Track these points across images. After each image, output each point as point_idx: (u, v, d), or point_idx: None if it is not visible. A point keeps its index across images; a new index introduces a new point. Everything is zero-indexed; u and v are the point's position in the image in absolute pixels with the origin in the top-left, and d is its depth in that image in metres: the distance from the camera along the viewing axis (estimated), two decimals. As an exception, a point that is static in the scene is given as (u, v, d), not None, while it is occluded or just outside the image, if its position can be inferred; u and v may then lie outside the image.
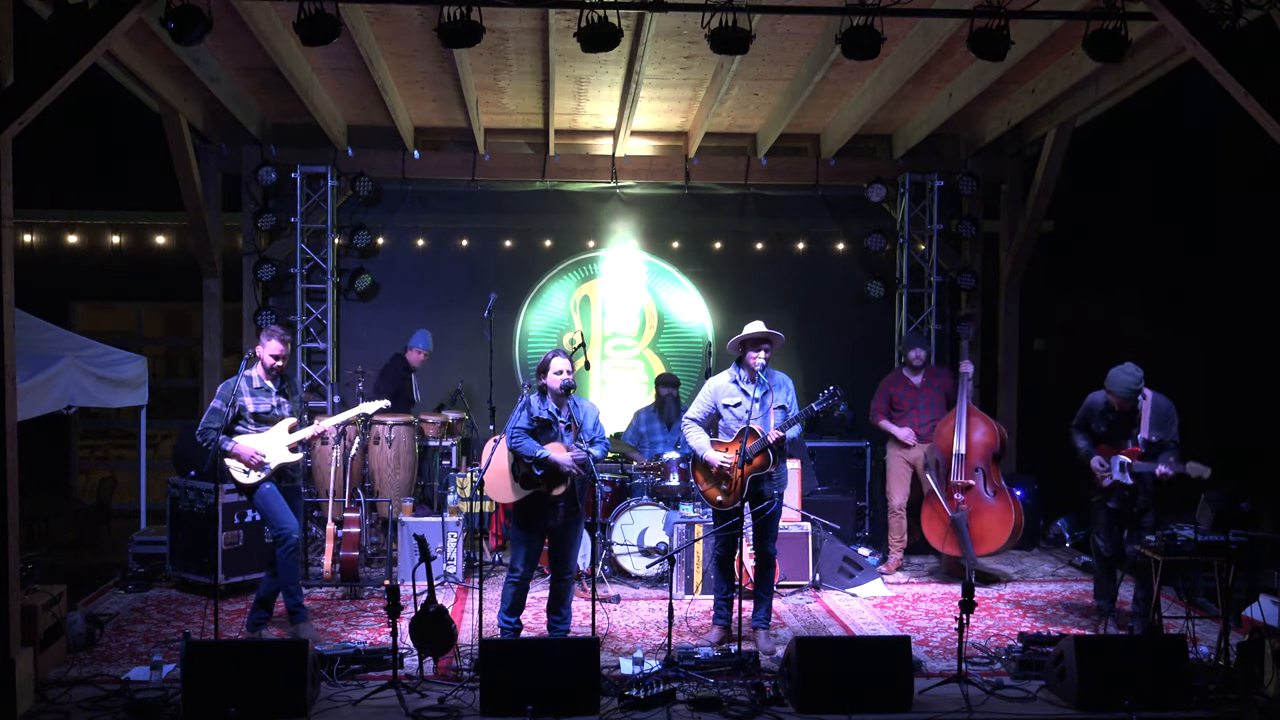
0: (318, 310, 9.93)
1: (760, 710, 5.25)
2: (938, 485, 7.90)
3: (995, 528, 7.78)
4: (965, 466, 7.82)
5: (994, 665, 6.00)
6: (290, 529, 6.25)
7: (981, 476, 7.84)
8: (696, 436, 6.33)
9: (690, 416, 6.41)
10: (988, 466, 7.86)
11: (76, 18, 5.18)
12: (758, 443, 6.09)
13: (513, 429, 5.98)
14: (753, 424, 6.10)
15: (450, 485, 8.29)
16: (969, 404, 7.95)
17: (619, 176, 10.16)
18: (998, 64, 6.99)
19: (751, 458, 6.09)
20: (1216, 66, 5.27)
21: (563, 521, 6.08)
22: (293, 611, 6.34)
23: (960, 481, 7.81)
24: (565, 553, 6.16)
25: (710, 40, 5.77)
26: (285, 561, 6.26)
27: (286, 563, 6.26)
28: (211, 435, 6.11)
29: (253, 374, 6.40)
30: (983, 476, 7.84)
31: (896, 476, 8.30)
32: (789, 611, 7.20)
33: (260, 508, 6.37)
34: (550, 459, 5.90)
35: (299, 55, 7.81)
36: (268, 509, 6.30)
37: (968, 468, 7.82)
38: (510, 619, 6.15)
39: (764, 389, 6.21)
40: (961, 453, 7.84)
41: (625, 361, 10.47)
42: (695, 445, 6.32)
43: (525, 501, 6.04)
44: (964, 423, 7.88)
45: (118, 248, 11.61)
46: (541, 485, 5.98)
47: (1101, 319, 10.10)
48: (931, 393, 8.25)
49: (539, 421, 6.01)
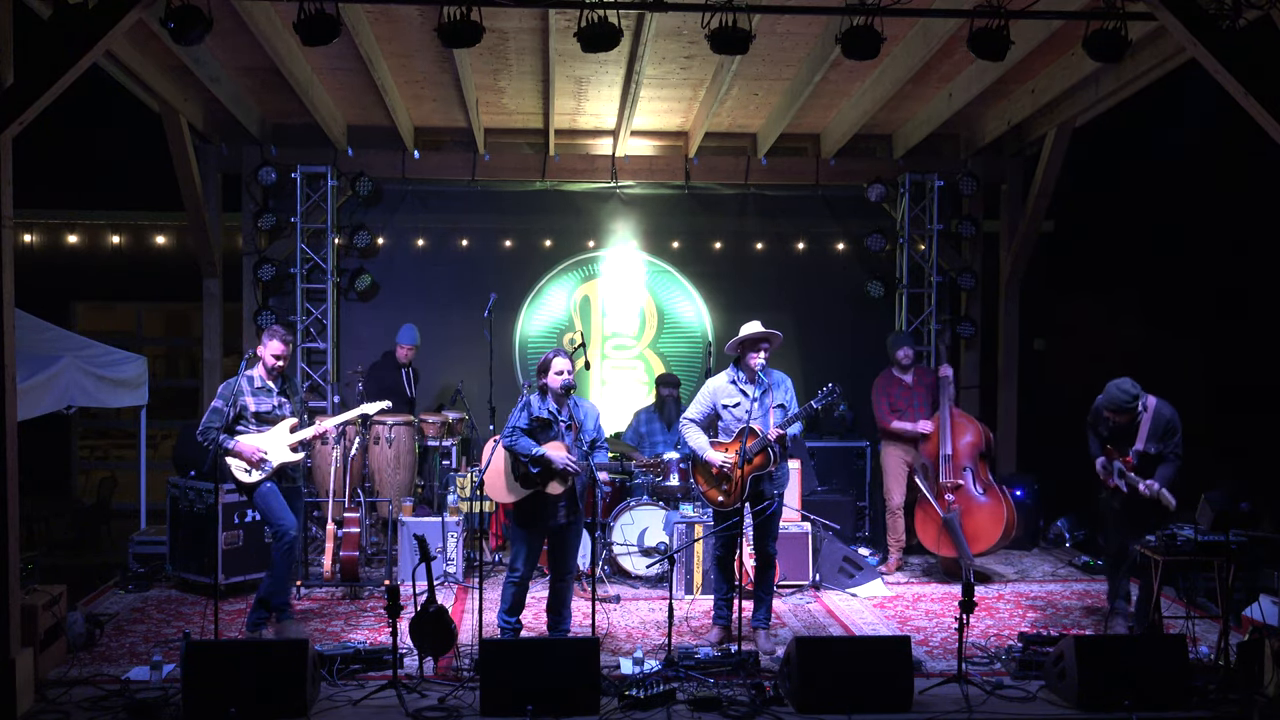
0: (318, 310, 9.93)
1: (760, 710, 5.25)
2: (928, 488, 7.92)
3: (988, 525, 7.80)
4: (953, 467, 7.85)
5: (994, 665, 6.00)
6: (288, 526, 6.27)
7: (970, 475, 7.87)
8: (695, 437, 6.33)
9: (689, 417, 6.40)
10: (975, 465, 7.90)
11: (76, 18, 5.18)
12: (757, 442, 6.08)
13: (510, 428, 5.99)
14: (752, 423, 6.10)
15: (450, 485, 8.29)
16: (951, 406, 8.02)
17: (619, 176, 10.17)
18: (998, 64, 7.00)
19: (752, 457, 6.08)
20: (1216, 66, 5.27)
21: (563, 521, 6.08)
22: (279, 609, 6.37)
23: (949, 482, 7.84)
24: (565, 553, 6.16)
25: (710, 40, 5.77)
26: (280, 559, 6.30)
27: (281, 560, 6.30)
28: (213, 435, 6.12)
29: (254, 374, 6.41)
30: (971, 475, 7.88)
31: (894, 476, 8.30)
32: (789, 611, 7.19)
33: (260, 506, 6.39)
34: (546, 456, 5.90)
35: (299, 55, 7.81)
36: (267, 507, 6.33)
37: (955, 468, 7.85)
38: (510, 619, 6.15)
39: (762, 388, 6.21)
40: (948, 454, 7.89)
41: (625, 361, 10.47)
42: (695, 446, 6.31)
43: (525, 501, 6.04)
44: (948, 424, 7.94)
45: (118, 248, 11.61)
46: (540, 484, 5.98)
47: (1101, 319, 10.11)
48: (923, 391, 8.26)
49: (539, 421, 6.01)
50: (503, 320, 9.95)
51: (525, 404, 6.05)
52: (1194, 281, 9.01)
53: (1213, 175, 8.66)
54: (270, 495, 6.31)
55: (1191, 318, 9.01)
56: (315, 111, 8.69)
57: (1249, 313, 8.39)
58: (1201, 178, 8.71)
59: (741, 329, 6.29)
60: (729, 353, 6.38)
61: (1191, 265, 9.00)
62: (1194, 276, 8.99)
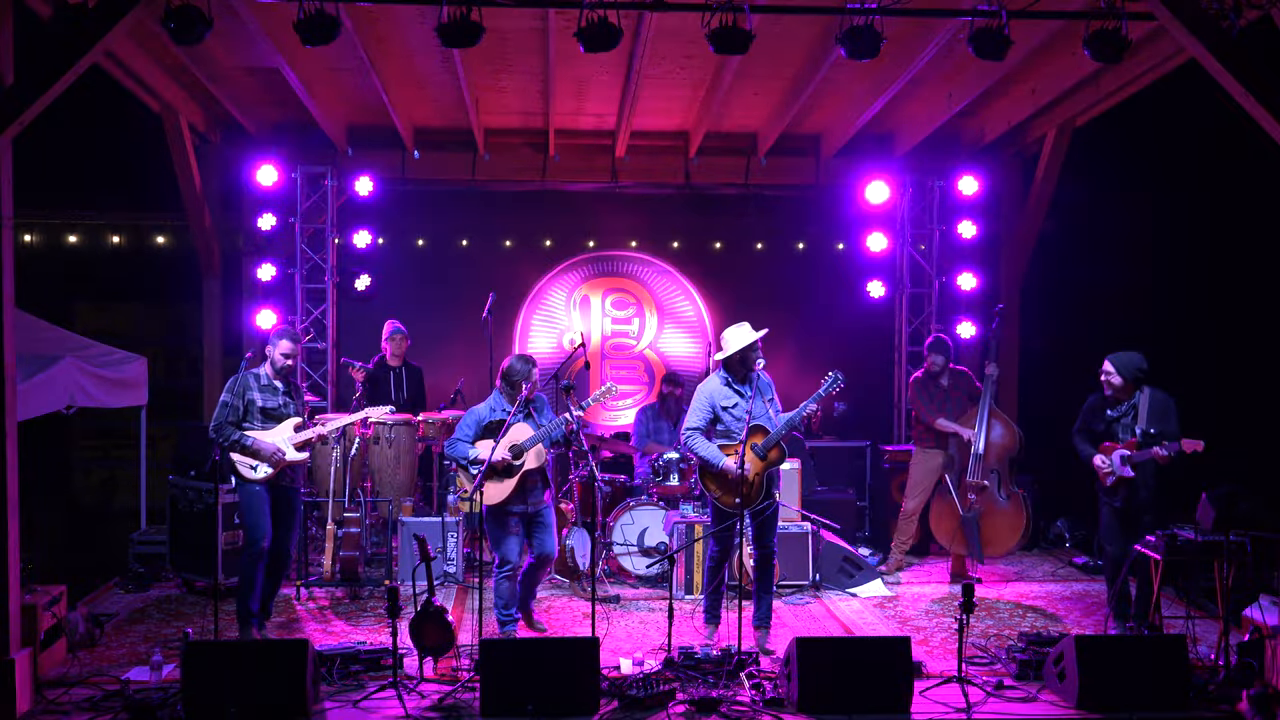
0: (317, 310, 9.93)
1: (760, 710, 5.25)
2: (953, 484, 7.90)
3: (1005, 531, 7.80)
4: (982, 467, 7.83)
5: (994, 665, 6.00)
6: (259, 536, 6.18)
7: (996, 479, 7.84)
8: (705, 447, 6.18)
9: (693, 427, 6.26)
10: (1003, 469, 7.87)
11: (76, 18, 5.18)
12: (770, 437, 6.11)
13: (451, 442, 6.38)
14: (759, 421, 6.10)
15: (450, 485, 8.29)
16: (991, 405, 7.93)
17: (619, 176, 10.16)
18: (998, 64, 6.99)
19: (766, 453, 6.11)
20: (1216, 66, 5.27)
21: (532, 509, 6.31)
22: (240, 615, 6.26)
23: (975, 481, 7.82)
24: (541, 538, 6.34)
25: (710, 40, 5.77)
26: (245, 567, 6.23)
27: (245, 569, 6.22)
28: (228, 431, 6.12)
29: (261, 371, 6.41)
30: (997, 479, 7.85)
31: (919, 484, 8.22)
32: (789, 611, 7.19)
33: (243, 505, 6.28)
34: (479, 457, 6.19)
35: (299, 55, 7.80)
36: (249, 509, 6.23)
37: (984, 468, 7.83)
38: (509, 613, 6.26)
39: (753, 387, 6.20)
40: (980, 452, 7.83)
41: (625, 361, 10.47)
42: (707, 456, 6.15)
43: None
44: (984, 422, 7.86)
45: (117, 248, 11.60)
46: (506, 474, 6.22)
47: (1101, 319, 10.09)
48: (958, 395, 8.18)
49: (493, 424, 6.30)
50: (503, 320, 9.94)
51: (475, 415, 6.38)
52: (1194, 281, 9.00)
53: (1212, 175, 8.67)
54: (259, 500, 6.21)
55: (1192, 316, 9.00)
56: (315, 112, 8.69)
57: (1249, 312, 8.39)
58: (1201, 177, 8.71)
59: (734, 336, 6.18)
60: (732, 362, 6.23)
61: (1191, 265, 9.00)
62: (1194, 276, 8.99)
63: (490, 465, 6.11)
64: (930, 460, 8.17)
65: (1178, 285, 9.15)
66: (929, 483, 8.16)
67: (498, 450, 6.14)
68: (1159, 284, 9.36)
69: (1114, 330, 9.63)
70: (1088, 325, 10.23)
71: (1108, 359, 6.54)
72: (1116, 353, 6.51)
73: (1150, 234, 9.47)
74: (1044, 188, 9.57)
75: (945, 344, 8.36)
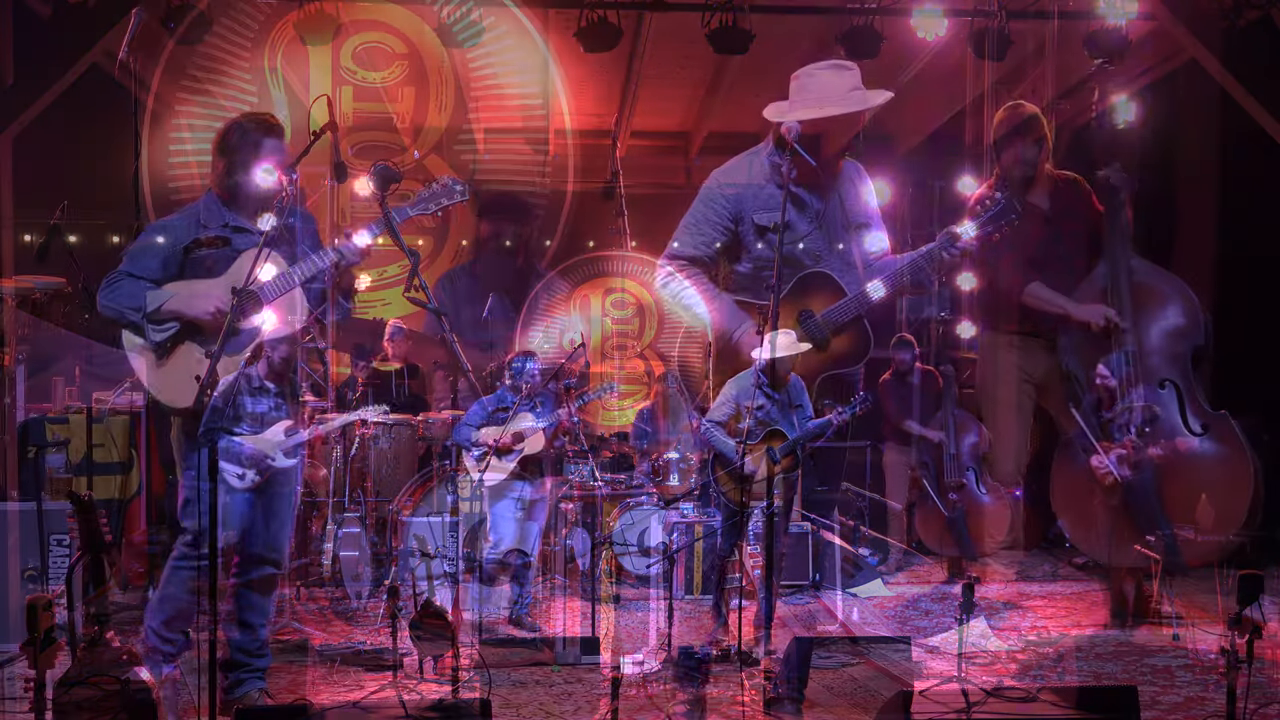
0: (317, 310, 9.88)
1: (760, 710, 5.25)
2: (932, 487, 7.92)
3: (992, 526, 7.84)
4: (956, 467, 7.86)
5: (994, 665, 6.00)
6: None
7: (973, 476, 7.87)
8: (724, 441, 6.15)
9: (713, 419, 6.24)
10: (979, 466, 7.89)
11: (76, 18, 5.18)
12: (786, 444, 6.10)
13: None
14: (779, 427, 6.10)
15: (450, 485, 8.27)
16: (953, 407, 8.01)
17: (619, 177, 10.15)
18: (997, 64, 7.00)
19: (780, 458, 6.10)
20: (1216, 66, 5.27)
21: (529, 496, 6.61)
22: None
23: (953, 480, 7.83)
24: (528, 529, 6.58)
25: (710, 40, 5.79)
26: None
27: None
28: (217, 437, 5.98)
29: (253, 372, 6.29)
30: (974, 476, 7.87)
31: (897, 478, 8.30)
32: (789, 611, 7.19)
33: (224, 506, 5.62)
34: (481, 440, 6.56)
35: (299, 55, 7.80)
36: (229, 515, 5.38)
37: (959, 468, 7.85)
38: None
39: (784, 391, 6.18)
40: (952, 453, 7.88)
41: (625, 361, 10.47)
42: (723, 450, 6.11)
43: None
44: (951, 425, 7.93)
45: (117, 247, 11.58)
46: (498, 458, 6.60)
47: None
48: (928, 393, 8.26)
49: (498, 413, 6.70)
50: (503, 320, 9.94)
51: (481, 404, 6.80)
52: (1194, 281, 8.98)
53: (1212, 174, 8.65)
54: (242, 506, 5.50)
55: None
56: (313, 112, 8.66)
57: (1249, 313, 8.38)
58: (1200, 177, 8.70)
59: (776, 343, 5.92)
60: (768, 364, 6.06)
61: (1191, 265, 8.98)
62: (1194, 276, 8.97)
63: (493, 449, 6.48)
64: (899, 455, 8.34)
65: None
66: (905, 476, 8.30)
67: (502, 436, 6.51)
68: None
69: (1113, 329, 9.63)
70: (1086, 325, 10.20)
71: (1101, 363, 6.54)
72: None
73: (1150, 233, 9.45)
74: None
75: (909, 343, 8.44)
